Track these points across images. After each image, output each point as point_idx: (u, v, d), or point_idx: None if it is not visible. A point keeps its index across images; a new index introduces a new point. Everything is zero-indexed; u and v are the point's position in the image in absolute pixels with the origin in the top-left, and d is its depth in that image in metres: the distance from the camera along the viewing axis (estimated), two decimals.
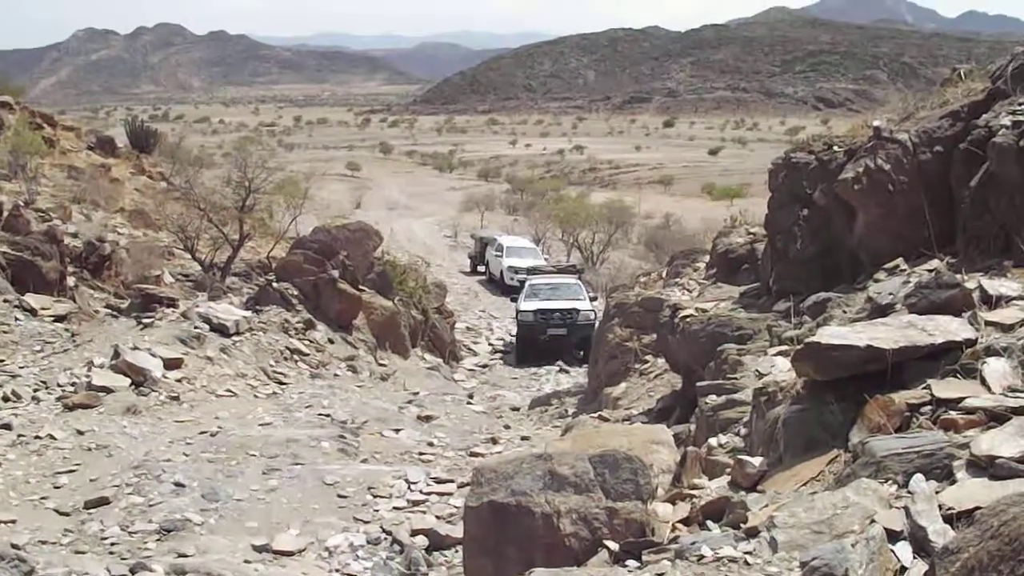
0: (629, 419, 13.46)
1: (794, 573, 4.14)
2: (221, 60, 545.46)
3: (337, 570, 9.99)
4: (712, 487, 6.53)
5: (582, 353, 28.18)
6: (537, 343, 29.72)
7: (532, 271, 36.74)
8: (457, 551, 10.33)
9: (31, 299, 19.83)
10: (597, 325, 27.71)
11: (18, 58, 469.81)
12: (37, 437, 13.41)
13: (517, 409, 20.18)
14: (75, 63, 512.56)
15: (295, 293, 22.63)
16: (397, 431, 15.64)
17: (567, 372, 27.55)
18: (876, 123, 10.83)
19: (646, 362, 16.82)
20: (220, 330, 19.20)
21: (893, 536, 4.34)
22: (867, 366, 6.01)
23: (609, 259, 53.29)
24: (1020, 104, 8.80)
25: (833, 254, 10.87)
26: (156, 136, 47.71)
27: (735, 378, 9.62)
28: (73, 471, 12.36)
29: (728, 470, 6.92)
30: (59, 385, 15.61)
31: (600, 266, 51.43)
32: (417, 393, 20.29)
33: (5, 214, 23.12)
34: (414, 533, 10.74)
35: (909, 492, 4.69)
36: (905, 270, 8.88)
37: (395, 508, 11.77)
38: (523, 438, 16.03)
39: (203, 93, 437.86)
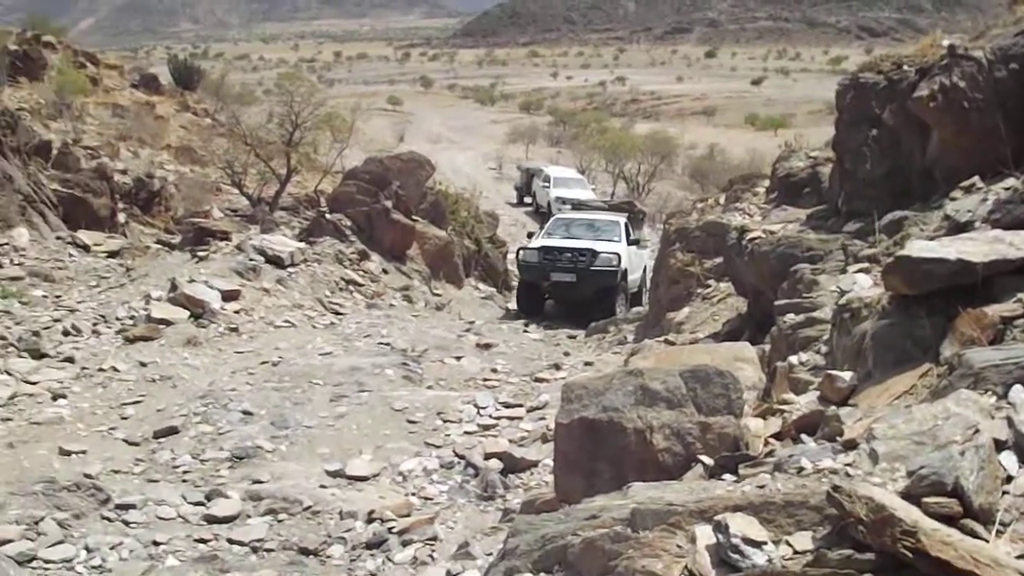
0: (695, 343, 13.33)
1: (898, 483, 4.01)
2: None
3: (413, 493, 9.97)
4: (802, 402, 6.42)
5: (600, 311, 22.06)
6: (539, 290, 23.98)
7: (579, 205, 30.04)
8: (532, 473, 10.32)
9: (84, 235, 20.01)
10: (645, 269, 25.97)
11: None
12: (100, 370, 13.46)
13: (574, 337, 20.03)
14: (112, 3, 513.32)
15: (348, 224, 22.62)
16: (458, 358, 15.59)
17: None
18: (948, 41, 10.60)
19: (708, 286, 16.66)
20: (275, 262, 19.22)
21: (998, 445, 4.23)
22: (957, 279, 5.88)
23: (655, 190, 53.09)
24: None
25: (903, 174, 10.67)
26: (200, 73, 47.72)
27: (811, 297, 9.51)
28: (139, 402, 12.41)
29: (813, 386, 6.82)
30: (118, 319, 15.67)
31: (646, 197, 51.26)
32: (473, 322, 20.29)
33: (54, 152, 23.24)
34: (487, 456, 10.69)
35: (1009, 403, 4.59)
36: (982, 188, 8.68)
37: (466, 432, 11.73)
38: (586, 363, 15.92)
39: (242, 30, 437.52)
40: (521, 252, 24.64)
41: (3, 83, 31.25)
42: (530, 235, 27.62)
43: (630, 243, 25.10)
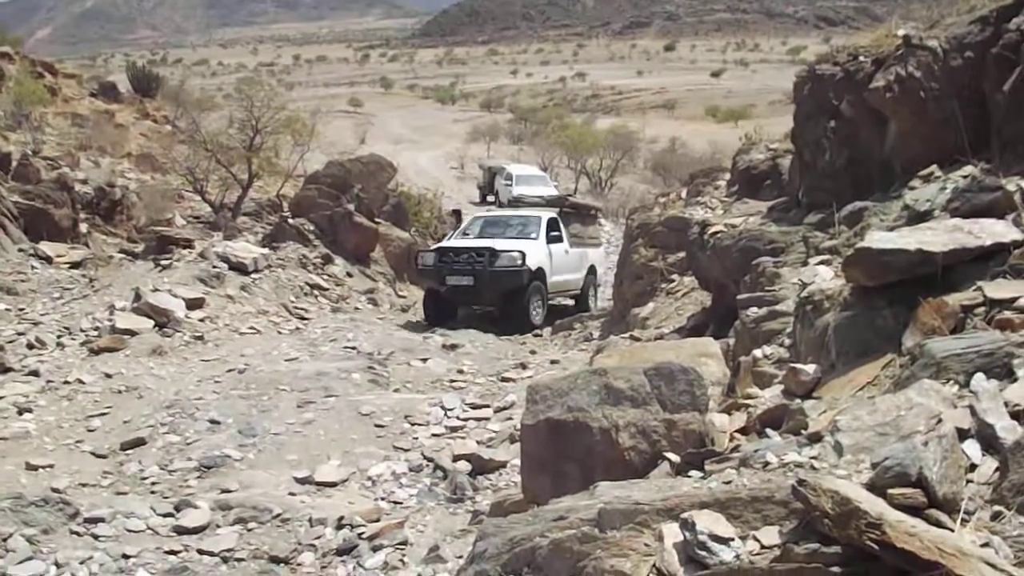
0: (661, 338, 13.33)
1: (863, 475, 4.04)
2: (217, 2, 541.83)
3: (382, 498, 9.96)
4: (766, 396, 6.43)
5: (509, 317, 20.83)
6: (438, 296, 21.34)
7: (514, 202, 27.69)
8: (501, 474, 10.33)
9: (46, 247, 19.84)
10: (592, 269, 24.57)
11: (14, 9, 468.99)
12: (66, 382, 13.39)
13: (540, 335, 20.05)
14: (70, 12, 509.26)
15: (311, 228, 22.62)
16: (424, 360, 15.59)
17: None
18: (903, 31, 10.63)
19: (672, 281, 16.66)
20: (239, 268, 19.16)
21: (960, 434, 4.25)
22: (917, 270, 5.91)
23: (617, 185, 53.13)
24: None
25: (863, 164, 10.70)
26: (158, 80, 47.34)
27: (774, 290, 9.51)
28: (105, 414, 12.34)
29: (777, 379, 6.84)
30: (82, 330, 15.60)
31: (609, 192, 51.33)
32: None
33: (14, 164, 23.03)
34: (456, 458, 10.69)
35: (971, 391, 4.61)
36: (940, 177, 8.70)
37: (434, 435, 11.75)
38: (552, 362, 15.98)
39: (200, 36, 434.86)
40: (420, 256, 22.30)
41: None
42: (442, 236, 26.04)
43: (552, 240, 22.62)
